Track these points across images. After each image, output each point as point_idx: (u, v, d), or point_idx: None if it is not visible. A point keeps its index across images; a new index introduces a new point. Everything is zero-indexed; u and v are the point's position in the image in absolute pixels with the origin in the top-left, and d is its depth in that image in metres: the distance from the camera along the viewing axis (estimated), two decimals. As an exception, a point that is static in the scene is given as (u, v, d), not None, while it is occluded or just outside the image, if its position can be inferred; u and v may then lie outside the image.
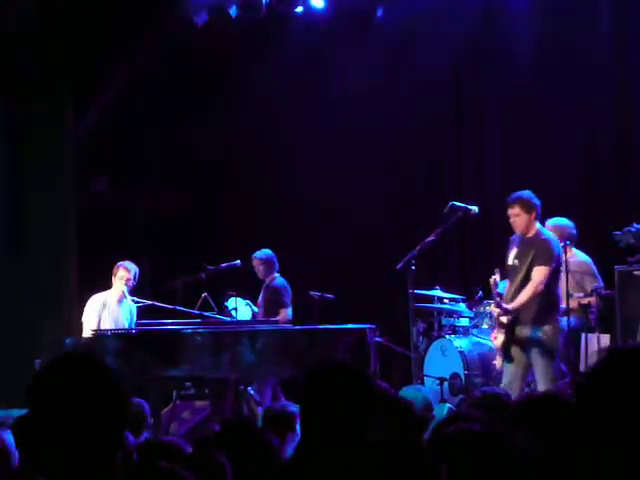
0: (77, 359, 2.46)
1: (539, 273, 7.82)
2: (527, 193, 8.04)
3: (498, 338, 7.85)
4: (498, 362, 8.00)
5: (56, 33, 10.59)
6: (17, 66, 10.69)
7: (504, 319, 7.81)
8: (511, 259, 8.07)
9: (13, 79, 10.73)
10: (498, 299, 7.80)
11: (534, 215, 7.94)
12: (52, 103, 10.93)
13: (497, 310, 7.84)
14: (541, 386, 7.73)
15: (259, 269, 10.22)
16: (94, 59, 10.86)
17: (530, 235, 7.96)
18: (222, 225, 11.67)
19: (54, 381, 2.41)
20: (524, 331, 7.82)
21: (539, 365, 7.80)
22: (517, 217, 7.95)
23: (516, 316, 7.83)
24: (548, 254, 7.86)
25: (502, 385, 7.71)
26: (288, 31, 11.65)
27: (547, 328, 7.80)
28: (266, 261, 10.18)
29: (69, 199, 11.04)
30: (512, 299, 7.84)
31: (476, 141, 11.47)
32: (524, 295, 7.80)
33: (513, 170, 10.71)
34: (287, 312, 10.06)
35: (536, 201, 7.97)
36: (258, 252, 10.20)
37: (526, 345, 7.81)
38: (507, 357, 7.87)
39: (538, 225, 8.00)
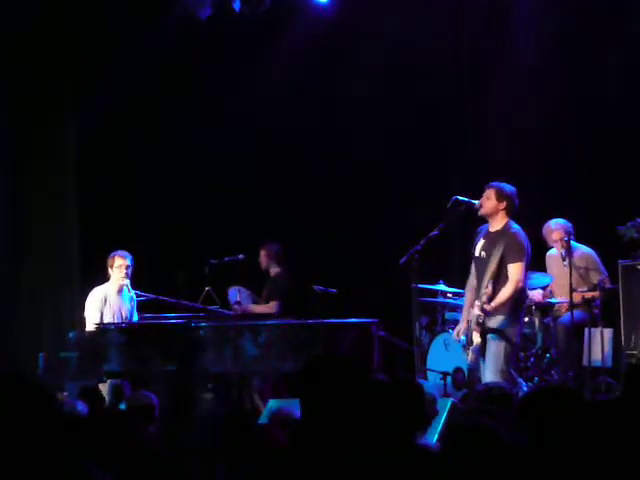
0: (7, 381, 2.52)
1: (516, 270, 7.76)
2: (509, 187, 8.02)
3: (476, 338, 7.79)
4: (471, 357, 7.93)
5: (56, 33, 10.59)
6: (17, 66, 10.68)
7: (481, 320, 7.77)
8: (478, 250, 8.03)
9: (13, 79, 10.72)
10: (484, 299, 7.73)
11: (503, 206, 7.91)
12: (53, 102, 10.91)
13: (480, 314, 7.73)
14: (487, 373, 7.72)
15: (268, 260, 10.32)
16: (94, 58, 10.86)
17: (498, 228, 7.93)
18: (224, 220, 11.63)
19: None
20: (486, 321, 7.77)
21: (490, 353, 7.76)
22: (487, 200, 7.95)
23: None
24: (519, 248, 7.82)
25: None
26: (291, 25, 11.64)
27: (505, 318, 7.75)
28: (276, 253, 10.30)
29: (72, 195, 11.04)
30: (491, 295, 7.74)
31: (478, 134, 11.44)
32: (504, 294, 7.74)
33: (516, 162, 10.69)
34: (277, 305, 10.15)
35: (513, 197, 7.94)
36: (268, 243, 10.33)
37: (485, 333, 7.78)
38: (483, 356, 7.85)
39: (508, 220, 7.94)
